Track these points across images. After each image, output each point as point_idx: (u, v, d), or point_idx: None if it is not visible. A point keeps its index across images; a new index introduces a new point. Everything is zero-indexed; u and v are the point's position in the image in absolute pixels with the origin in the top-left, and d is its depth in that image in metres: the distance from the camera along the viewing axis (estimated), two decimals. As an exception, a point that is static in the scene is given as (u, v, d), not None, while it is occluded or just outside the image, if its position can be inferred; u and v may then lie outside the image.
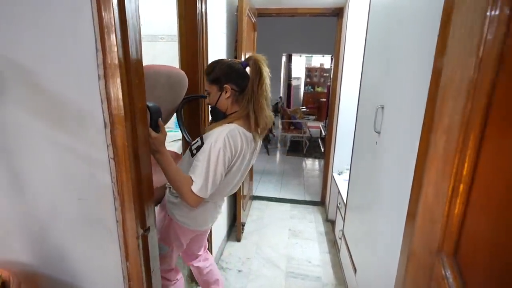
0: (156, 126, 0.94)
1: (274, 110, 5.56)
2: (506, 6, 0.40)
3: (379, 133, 1.19)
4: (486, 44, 0.44)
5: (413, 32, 0.93)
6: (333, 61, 2.80)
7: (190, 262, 1.40)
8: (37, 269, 0.88)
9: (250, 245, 2.29)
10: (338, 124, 2.49)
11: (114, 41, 0.68)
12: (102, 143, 0.75)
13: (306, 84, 9.37)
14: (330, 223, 2.65)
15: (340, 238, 2.02)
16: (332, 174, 2.61)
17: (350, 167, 1.85)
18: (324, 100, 8.00)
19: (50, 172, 0.79)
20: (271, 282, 1.89)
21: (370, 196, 1.36)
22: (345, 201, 1.99)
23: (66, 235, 0.85)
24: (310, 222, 2.67)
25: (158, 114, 0.95)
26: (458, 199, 0.50)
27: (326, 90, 7.97)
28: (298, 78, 9.17)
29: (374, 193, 1.29)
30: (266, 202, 3.07)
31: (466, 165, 0.48)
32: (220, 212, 1.28)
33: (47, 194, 0.81)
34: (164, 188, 1.22)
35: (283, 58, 7.52)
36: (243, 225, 2.39)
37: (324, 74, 9.21)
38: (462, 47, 0.54)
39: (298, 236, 2.45)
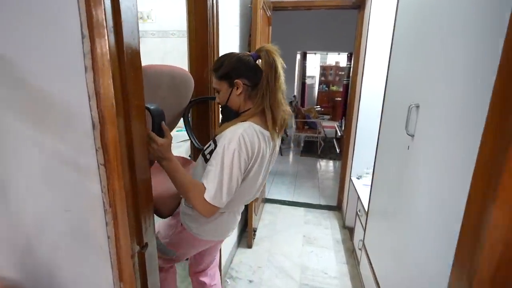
0: (159, 131, 0.83)
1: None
2: None
3: (413, 136, 1.03)
4: None
5: (461, 21, 0.77)
6: (352, 57, 2.62)
7: (196, 274, 1.28)
8: (23, 285, 0.79)
9: (261, 252, 2.16)
10: (358, 124, 2.32)
11: (104, 24, 0.57)
12: (90, 147, 0.63)
13: (320, 82, 9.15)
14: (347, 230, 2.48)
15: (360, 249, 1.86)
16: (350, 178, 2.44)
17: (372, 172, 1.68)
18: (339, 99, 7.77)
19: (34, 179, 0.68)
20: (284, 295, 1.76)
21: (398, 207, 1.20)
22: (366, 208, 1.82)
23: (55, 250, 0.75)
24: (326, 229, 2.52)
25: (161, 117, 0.84)
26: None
27: (341, 89, 7.73)
28: (312, 77, 8.96)
29: (404, 204, 1.13)
30: (279, 206, 2.93)
31: None
32: (239, 219, 1.14)
33: (33, 205, 0.71)
34: (177, 198, 1.10)
35: (298, 56, 7.33)
36: (255, 230, 2.26)
37: (339, 73, 8.97)
38: None
39: (313, 243, 2.30)
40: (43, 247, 0.75)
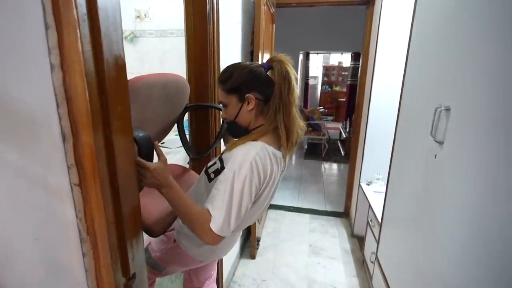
0: (149, 156, 0.72)
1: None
2: None
3: (442, 143, 0.90)
4: None
5: (498, 19, 0.65)
6: (361, 56, 2.50)
7: None
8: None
9: (265, 263, 2.04)
10: (368, 126, 2.19)
11: (74, 11, 0.45)
12: (60, 164, 0.51)
13: (323, 83, 9.03)
14: (356, 239, 2.35)
15: (372, 262, 1.73)
16: (359, 184, 2.31)
17: (387, 179, 1.55)
18: (343, 100, 7.64)
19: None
20: (291, 311, 1.63)
21: (421, 218, 1.08)
22: (379, 218, 1.70)
23: (27, 282, 0.63)
24: (333, 237, 2.39)
25: (148, 145, 0.72)
26: None
27: (345, 89, 7.60)
28: (315, 77, 8.84)
29: (427, 216, 1.01)
30: (283, 212, 2.80)
31: None
32: (239, 238, 1.07)
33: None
34: (171, 215, 0.99)
35: (300, 56, 7.20)
36: (258, 240, 2.14)
37: (342, 73, 8.86)
38: None
39: (319, 254, 2.17)
40: (15, 279, 0.63)
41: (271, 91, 0.82)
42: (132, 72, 0.80)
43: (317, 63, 8.96)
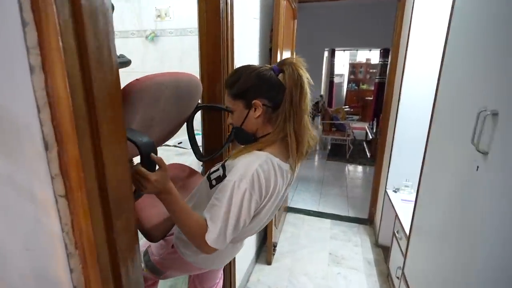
0: (150, 164, 0.67)
1: (314, 110, 5.12)
2: None
3: (485, 154, 0.77)
4: None
5: None
6: (390, 53, 2.32)
7: None
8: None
9: (282, 270, 1.96)
10: (397, 128, 2.02)
11: (54, 5, 0.40)
12: (44, 173, 0.47)
13: (349, 81, 8.70)
14: (381, 250, 2.19)
15: (398, 278, 1.58)
16: (385, 190, 2.15)
17: (417, 188, 1.40)
18: (370, 98, 7.31)
19: (-11, 208, 0.54)
20: (307, 325, 1.54)
21: (455, 238, 0.94)
22: (406, 230, 1.55)
23: (22, 292, 0.61)
24: (355, 246, 2.24)
25: (150, 150, 0.68)
26: None
27: (373, 88, 7.25)
28: (341, 75, 8.54)
29: (464, 236, 0.88)
30: (302, 216, 2.70)
31: None
32: (241, 248, 1.02)
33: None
34: (171, 220, 0.96)
35: (325, 54, 6.97)
36: (275, 245, 2.06)
37: (370, 70, 8.47)
38: None
39: (340, 263, 2.04)
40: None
41: (281, 97, 0.77)
42: (153, 72, 0.75)
43: (343, 61, 8.65)
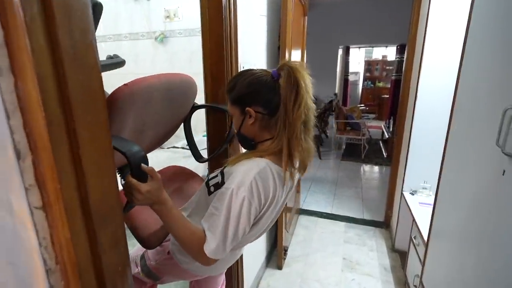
0: (140, 174, 0.63)
1: (328, 108, 4.99)
2: None
3: (515, 157, 0.67)
4: None
5: None
6: (405, 49, 2.20)
7: None
8: None
9: (293, 275, 1.89)
10: (414, 127, 1.90)
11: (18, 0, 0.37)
12: (18, 184, 0.44)
13: (365, 79, 8.46)
14: (398, 255, 2.08)
15: (415, 286, 1.48)
16: (401, 192, 2.03)
17: (436, 191, 1.30)
18: (386, 96, 7.06)
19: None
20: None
21: (479, 246, 0.85)
22: (424, 235, 1.44)
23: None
24: (370, 251, 2.14)
25: (139, 160, 0.64)
26: None
27: (389, 85, 7.00)
28: (356, 73, 8.32)
29: (489, 245, 0.78)
30: (315, 219, 2.61)
31: None
32: (240, 254, 1.01)
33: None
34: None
35: (340, 51, 6.80)
36: (286, 250, 2.00)
37: (386, 67, 8.21)
38: None
39: (355, 269, 1.95)
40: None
41: (278, 104, 0.73)
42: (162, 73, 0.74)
43: (358, 58, 8.42)
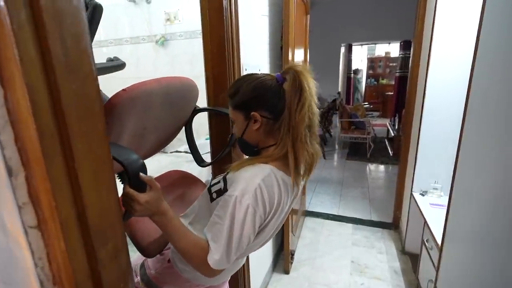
0: (139, 185, 0.61)
1: (332, 107, 4.94)
2: None
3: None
4: None
5: None
6: (412, 45, 2.16)
7: None
8: None
9: (301, 280, 1.85)
10: (422, 126, 1.85)
11: (4, 8, 0.34)
12: (11, 203, 0.41)
13: (368, 76, 8.39)
14: (408, 257, 2.03)
15: (429, 291, 1.44)
16: (411, 193, 1.98)
17: (450, 192, 1.25)
18: (390, 93, 6.98)
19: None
20: None
21: (502, 250, 0.81)
22: (437, 238, 1.40)
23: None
24: (379, 253, 2.09)
25: (137, 169, 0.61)
26: None
27: (393, 82, 6.93)
28: (359, 70, 8.24)
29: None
30: (321, 220, 2.57)
31: None
32: (242, 263, 0.96)
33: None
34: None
35: (342, 49, 6.74)
36: (293, 253, 1.96)
37: (390, 64, 8.12)
38: None
39: (364, 272, 1.91)
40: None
41: (283, 109, 0.71)
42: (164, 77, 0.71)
43: (361, 55, 8.35)
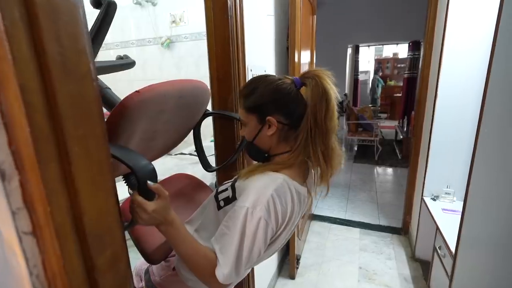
0: (147, 192, 0.58)
1: (339, 109, 4.87)
2: None
3: None
4: None
5: None
6: (422, 45, 2.10)
7: None
8: None
9: (307, 285, 1.81)
10: (434, 127, 1.79)
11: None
12: (5, 209, 0.40)
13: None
14: (419, 264, 1.97)
15: (441, 300, 1.38)
16: (422, 197, 1.92)
17: (465, 197, 1.20)
18: (399, 95, 6.89)
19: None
20: None
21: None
22: (451, 246, 1.35)
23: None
24: (388, 259, 2.04)
25: (147, 176, 0.58)
26: None
27: (401, 83, 6.83)
28: (366, 72, 8.16)
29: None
30: (328, 225, 2.52)
31: None
32: (248, 271, 0.93)
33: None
34: None
35: (349, 51, 6.68)
36: (298, 258, 1.92)
37: (398, 65, 8.02)
38: None
39: (372, 279, 1.85)
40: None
41: (301, 114, 0.68)
42: (170, 79, 0.69)
43: (368, 57, 8.27)
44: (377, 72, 7.74)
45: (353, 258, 2.05)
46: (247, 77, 1.18)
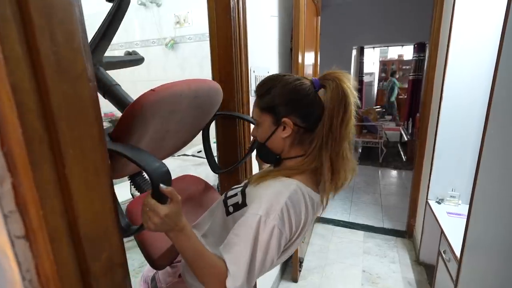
0: (160, 195, 0.55)
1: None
2: None
3: None
4: None
5: None
6: (427, 47, 2.07)
7: None
8: None
9: (309, 288, 1.79)
10: (439, 129, 1.76)
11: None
12: (-3, 211, 0.39)
13: (380, 79, 8.23)
14: (423, 268, 1.93)
15: (446, 306, 1.35)
16: (426, 201, 1.89)
17: (470, 201, 1.17)
18: (403, 97, 6.82)
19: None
20: None
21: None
22: (456, 250, 1.32)
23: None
24: (392, 263, 2.00)
25: (161, 178, 0.54)
26: None
27: (407, 86, 6.77)
28: (371, 74, 8.11)
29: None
30: (331, 227, 2.50)
31: None
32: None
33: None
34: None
35: (354, 52, 6.63)
36: (301, 261, 1.90)
37: (403, 67, 7.95)
38: None
39: (376, 283, 1.82)
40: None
41: (318, 118, 0.64)
42: (174, 80, 0.67)
43: (373, 58, 8.21)
44: (393, 74, 7.49)
45: (356, 261, 2.02)
46: (250, 78, 1.17)
